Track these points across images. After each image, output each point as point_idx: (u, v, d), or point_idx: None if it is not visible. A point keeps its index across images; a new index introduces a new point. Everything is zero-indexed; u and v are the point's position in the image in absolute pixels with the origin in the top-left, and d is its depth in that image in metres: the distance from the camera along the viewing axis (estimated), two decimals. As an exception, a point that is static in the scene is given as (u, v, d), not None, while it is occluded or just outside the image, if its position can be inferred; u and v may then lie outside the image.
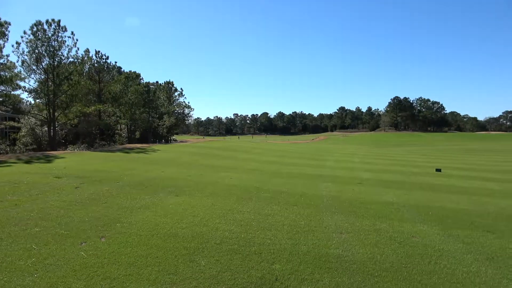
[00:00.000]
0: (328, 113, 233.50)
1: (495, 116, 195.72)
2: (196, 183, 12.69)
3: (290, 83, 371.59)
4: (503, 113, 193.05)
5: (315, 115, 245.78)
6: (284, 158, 25.95)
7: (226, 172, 16.50)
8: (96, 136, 43.65)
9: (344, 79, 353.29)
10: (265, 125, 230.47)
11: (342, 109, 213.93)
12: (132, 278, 4.58)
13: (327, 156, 30.91)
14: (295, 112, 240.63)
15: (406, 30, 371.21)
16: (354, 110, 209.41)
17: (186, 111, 71.71)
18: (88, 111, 36.80)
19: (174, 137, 73.00)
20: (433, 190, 12.89)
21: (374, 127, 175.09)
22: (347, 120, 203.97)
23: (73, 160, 18.41)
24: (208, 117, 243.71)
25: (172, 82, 69.35)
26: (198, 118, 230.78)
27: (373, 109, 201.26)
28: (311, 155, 31.54)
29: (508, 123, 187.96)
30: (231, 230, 6.79)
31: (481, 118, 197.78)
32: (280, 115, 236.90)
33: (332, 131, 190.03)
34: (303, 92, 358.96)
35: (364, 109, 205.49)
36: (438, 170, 19.50)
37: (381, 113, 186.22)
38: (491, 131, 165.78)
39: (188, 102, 75.66)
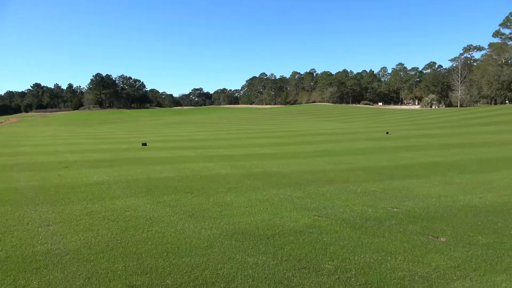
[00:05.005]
0: (20, 90, 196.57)
1: (186, 93, 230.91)
2: None
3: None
4: (192, 90, 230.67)
5: (2, 93, 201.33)
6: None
7: None
8: None
9: (40, 52, 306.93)
10: None
11: (37, 86, 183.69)
12: None
13: (23, 141, 26.47)
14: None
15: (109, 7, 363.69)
16: (53, 87, 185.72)
17: None
18: None
19: None
20: (140, 163, 13.69)
21: (78, 106, 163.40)
22: (45, 99, 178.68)
23: None
24: None
25: None
26: None
27: (74, 86, 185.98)
28: (0, 141, 26.02)
29: (196, 99, 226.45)
30: None
31: (176, 95, 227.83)
32: None
33: (27, 111, 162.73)
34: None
35: (64, 87, 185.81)
36: (144, 144, 20.84)
37: (84, 90, 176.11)
38: (184, 106, 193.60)
39: None
